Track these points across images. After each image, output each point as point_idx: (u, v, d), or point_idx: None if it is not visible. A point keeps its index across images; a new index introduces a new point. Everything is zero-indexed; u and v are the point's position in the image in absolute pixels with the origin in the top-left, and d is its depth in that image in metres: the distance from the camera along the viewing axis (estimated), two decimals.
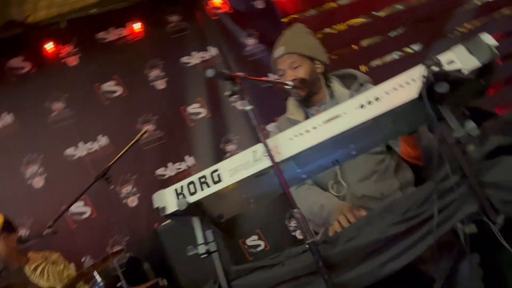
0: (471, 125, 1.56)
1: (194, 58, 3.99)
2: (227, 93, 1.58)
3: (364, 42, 5.51)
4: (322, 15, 4.86)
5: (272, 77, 3.90)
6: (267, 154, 1.58)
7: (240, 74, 1.62)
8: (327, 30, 5.54)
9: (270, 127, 2.56)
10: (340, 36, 4.95)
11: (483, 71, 1.59)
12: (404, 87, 1.59)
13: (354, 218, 2.05)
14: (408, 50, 6.04)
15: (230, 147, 3.91)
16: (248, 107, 1.60)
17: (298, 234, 3.76)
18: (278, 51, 2.35)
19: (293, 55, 2.34)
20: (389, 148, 2.27)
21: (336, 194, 2.29)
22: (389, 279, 1.61)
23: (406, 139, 2.05)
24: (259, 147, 1.64)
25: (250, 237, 3.79)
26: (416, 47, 5.90)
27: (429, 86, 1.49)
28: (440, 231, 1.50)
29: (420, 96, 1.52)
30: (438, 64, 1.54)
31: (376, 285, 1.59)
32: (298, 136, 1.64)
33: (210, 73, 1.51)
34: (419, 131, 1.92)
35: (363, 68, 5.44)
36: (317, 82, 2.38)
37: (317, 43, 2.46)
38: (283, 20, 4.54)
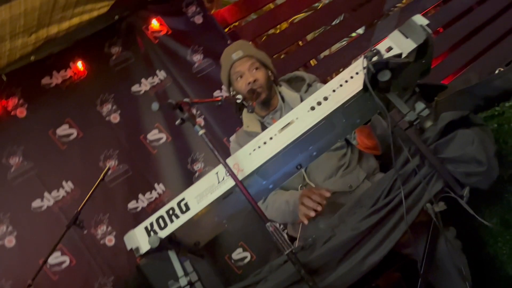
0: (420, 106, 1.60)
1: (144, 85, 3.94)
2: (178, 122, 1.57)
3: (309, 36, 5.57)
4: (263, 17, 4.89)
5: (222, 92, 3.92)
6: (229, 173, 1.57)
7: (186, 100, 1.61)
8: (271, 31, 5.59)
9: (232, 142, 2.56)
10: (284, 34, 4.99)
11: (421, 51, 1.63)
12: (349, 82, 1.62)
13: (315, 194, 2.06)
14: (353, 34, 6.15)
15: (197, 166, 3.89)
16: (201, 132, 1.59)
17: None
18: (236, 54, 2.36)
19: (252, 58, 2.37)
20: (348, 142, 2.30)
21: None
22: (379, 267, 1.64)
23: (361, 131, 2.08)
24: (221, 168, 1.64)
25: (235, 251, 3.78)
26: (360, 30, 6.01)
27: (372, 77, 1.52)
28: (411, 215, 1.53)
29: (366, 88, 1.54)
30: (377, 53, 1.57)
31: (366, 276, 1.61)
32: (256, 150, 1.64)
33: (154, 107, 1.50)
34: (372, 121, 1.95)
35: (312, 62, 5.51)
36: (272, 88, 2.40)
37: (265, 54, 2.48)
38: (225, 30, 4.54)
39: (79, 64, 3.97)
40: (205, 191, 1.64)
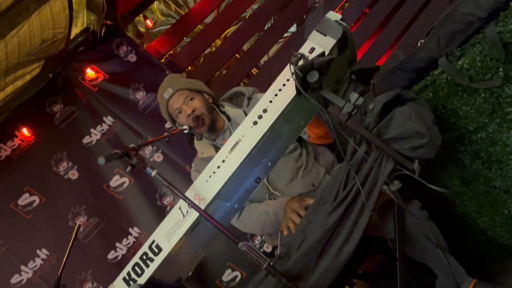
0: (354, 96, 1.65)
1: (95, 135, 3.93)
2: (128, 169, 1.60)
3: (245, 46, 5.66)
4: (196, 40, 4.94)
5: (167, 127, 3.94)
6: (191, 206, 1.60)
7: (132, 145, 1.63)
8: (207, 50, 5.65)
9: (192, 173, 2.60)
10: (220, 51, 5.05)
11: (342, 44, 1.70)
12: (283, 90, 1.68)
13: (303, 209, 2.10)
14: (287, 34, 6.26)
15: (167, 200, 3.89)
16: (153, 173, 1.61)
17: (266, 247, 3.80)
18: (167, 92, 2.39)
19: (183, 91, 2.40)
20: (301, 142, 2.35)
21: None
22: (360, 254, 1.69)
23: (309, 124, 2.13)
24: (183, 202, 1.67)
25: (224, 273, 3.79)
26: (292, 28, 6.12)
27: (302, 80, 1.58)
28: (371, 200, 1.59)
29: (299, 92, 1.60)
30: (302, 57, 1.63)
31: (350, 266, 1.66)
32: (212, 176, 1.68)
33: (100, 161, 1.52)
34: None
35: (254, 71, 5.58)
36: (213, 111, 2.44)
37: (196, 80, 2.53)
38: (162, 61, 4.57)
39: (25, 131, 3.93)
40: (172, 228, 1.67)
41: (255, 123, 1.68)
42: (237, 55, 5.91)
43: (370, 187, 1.60)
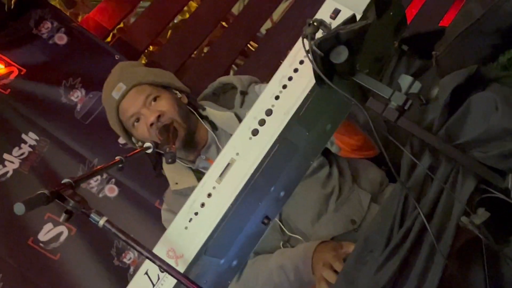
0: (406, 80, 1.65)
1: (10, 163, 3.92)
2: (62, 218, 1.60)
3: (235, 9, 5.68)
4: (159, 2, 4.92)
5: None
6: (163, 270, 1.60)
7: (66, 181, 1.64)
8: (178, 18, 5.67)
9: (163, 214, 2.60)
10: (197, 18, 5.02)
11: (382, 0, 1.70)
12: (295, 78, 1.69)
13: (340, 261, 2.11)
14: None
15: (129, 257, 3.88)
16: (102, 222, 1.61)
17: None
18: (117, 90, 2.41)
19: (143, 87, 2.42)
20: (328, 154, 2.35)
21: None
22: None
23: (338, 130, 2.13)
24: (150, 265, 1.67)
25: None
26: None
27: (323, 62, 1.58)
28: (445, 242, 1.57)
29: (320, 80, 1.60)
30: (320, 25, 1.62)
31: None
32: (193, 219, 1.68)
33: (19, 209, 1.52)
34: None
35: (251, 46, 5.58)
36: (190, 115, 2.44)
37: (161, 70, 2.54)
38: (107, 41, 4.59)
39: None
40: None
41: (254, 132, 1.68)
42: (223, 23, 5.91)
43: (441, 221, 1.59)
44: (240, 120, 2.31)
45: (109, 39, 4.54)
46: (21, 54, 4.17)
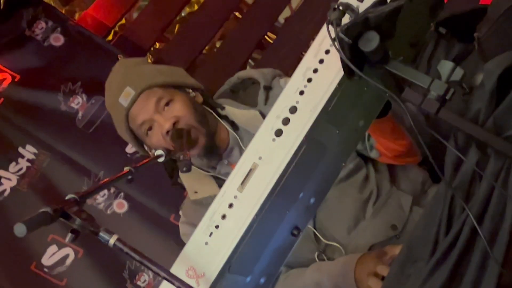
0: (447, 66, 1.64)
1: (7, 181, 3.94)
2: (68, 238, 1.61)
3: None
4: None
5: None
6: None
7: (70, 196, 1.64)
8: (186, 10, 5.67)
9: (182, 227, 2.60)
10: (207, 9, 5.03)
11: None
12: (320, 70, 1.68)
13: (386, 267, 2.12)
14: None
15: (143, 280, 3.89)
16: (112, 240, 1.62)
17: None
18: (125, 95, 2.39)
19: (153, 90, 2.41)
20: (363, 155, 2.35)
21: None
22: None
23: (379, 129, 2.13)
24: (168, 285, 1.66)
25: None
26: None
27: (351, 51, 1.57)
28: (499, 247, 1.56)
29: (350, 72, 1.59)
30: (347, 9, 1.62)
31: None
32: (214, 233, 1.68)
33: (20, 231, 1.52)
34: (394, 109, 2.00)
35: (269, 37, 5.58)
36: (208, 117, 2.44)
37: (170, 67, 2.53)
38: (108, 39, 4.60)
39: None
40: None
41: (278, 133, 1.67)
42: (236, 13, 5.91)
43: (493, 223, 1.57)
44: (264, 117, 2.30)
45: (110, 37, 4.55)
46: (13, 59, 4.18)
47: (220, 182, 2.40)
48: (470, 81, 1.69)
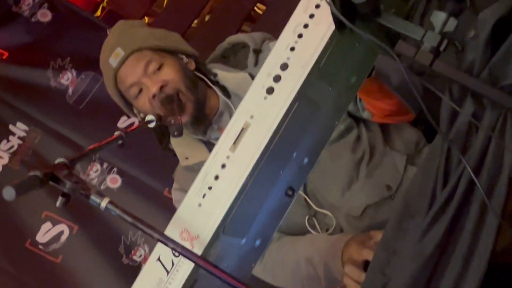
0: (440, 17, 1.61)
1: None
2: (58, 202, 1.58)
3: None
4: None
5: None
6: (178, 253, 1.57)
7: (60, 160, 1.61)
8: None
9: (174, 194, 2.58)
10: None
11: None
12: (311, 26, 1.66)
13: (366, 251, 2.11)
14: None
15: (139, 254, 3.87)
16: (104, 203, 1.59)
17: None
18: (115, 56, 2.39)
19: (143, 53, 2.39)
20: (355, 116, 2.34)
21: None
22: None
23: (368, 91, 2.10)
24: (163, 249, 1.65)
25: None
26: None
27: (342, 3, 1.54)
28: (497, 199, 1.54)
29: (340, 25, 1.56)
30: None
31: None
32: (207, 195, 1.66)
33: (9, 194, 1.49)
34: (378, 66, 1.97)
35: (258, 8, 5.54)
36: (199, 84, 2.42)
37: (165, 31, 2.51)
38: (97, 15, 4.58)
39: None
40: None
41: (269, 90, 1.65)
42: None
43: (490, 175, 1.55)
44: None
45: (98, 13, 4.52)
46: (1, 36, 4.16)
47: (210, 147, 2.38)
48: (463, 33, 1.66)
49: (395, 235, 1.66)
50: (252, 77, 2.38)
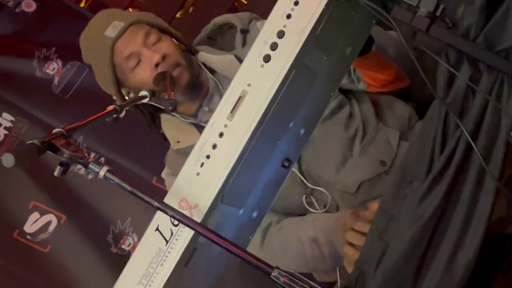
0: None
1: None
2: (57, 171, 1.57)
3: None
4: None
5: None
6: (177, 220, 1.57)
7: (57, 130, 1.61)
8: None
9: (167, 179, 2.58)
10: None
11: None
12: None
13: (359, 219, 2.13)
14: None
15: (128, 243, 3.87)
16: (102, 172, 1.60)
17: None
18: (113, 27, 2.38)
19: (142, 25, 2.40)
20: (346, 93, 2.35)
21: (320, 211, 2.37)
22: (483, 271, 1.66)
23: (364, 63, 2.11)
24: (162, 218, 1.64)
25: None
26: None
27: None
28: (495, 163, 1.55)
29: None
30: None
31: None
32: (206, 164, 1.65)
33: (8, 161, 1.47)
34: (375, 39, 1.98)
35: None
36: (193, 61, 2.45)
37: (155, 15, 2.53)
38: (81, 6, 4.57)
39: None
40: (150, 267, 1.65)
41: (266, 58, 1.64)
42: None
43: (488, 138, 1.57)
44: (240, 61, 2.28)
45: (82, 4, 4.51)
46: None
47: (201, 130, 2.38)
48: (453, 15, 1.67)
49: (393, 201, 1.67)
50: (238, 58, 2.39)
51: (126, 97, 2.42)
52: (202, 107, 2.42)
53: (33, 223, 3.92)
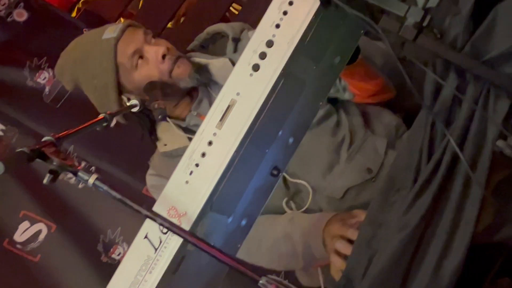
0: None
1: None
2: (46, 179, 1.57)
3: None
4: None
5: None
6: (166, 228, 1.58)
7: (47, 138, 1.62)
8: None
9: (150, 179, 2.59)
10: None
11: None
12: (295, 3, 1.66)
13: (348, 228, 2.12)
14: None
15: (118, 252, 3.86)
16: (91, 179, 1.60)
17: None
18: (109, 31, 2.41)
19: (138, 27, 2.47)
20: (333, 103, 2.36)
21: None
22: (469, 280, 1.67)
23: (351, 73, 2.13)
24: (151, 226, 1.65)
25: None
26: None
27: None
28: (481, 171, 1.56)
29: (325, 0, 1.58)
30: None
31: None
32: (195, 171, 1.66)
33: None
34: (362, 49, 1.99)
35: (234, 8, 5.56)
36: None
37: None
38: (73, 15, 4.56)
39: None
40: (139, 275, 1.66)
41: (255, 67, 1.66)
42: None
43: (474, 147, 1.58)
44: (234, 65, 2.30)
45: (74, 14, 4.50)
46: None
47: (189, 134, 2.40)
48: (446, 9, 1.68)
49: (381, 209, 1.68)
50: (232, 62, 2.42)
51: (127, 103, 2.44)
52: (191, 112, 2.43)
53: (23, 232, 3.90)
